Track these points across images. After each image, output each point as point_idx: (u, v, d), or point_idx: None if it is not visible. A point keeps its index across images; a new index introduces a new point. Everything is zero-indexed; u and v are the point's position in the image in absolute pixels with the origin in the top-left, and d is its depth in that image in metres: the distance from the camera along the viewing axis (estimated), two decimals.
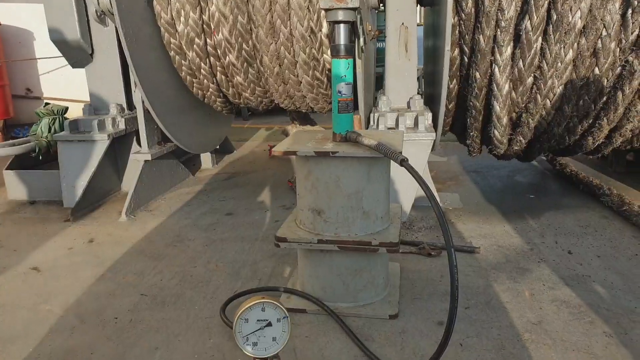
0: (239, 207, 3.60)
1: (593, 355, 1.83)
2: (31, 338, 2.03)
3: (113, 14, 3.22)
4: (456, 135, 3.79)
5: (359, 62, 3.00)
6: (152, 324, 2.12)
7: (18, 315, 2.22)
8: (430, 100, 3.52)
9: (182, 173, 4.33)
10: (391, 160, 1.89)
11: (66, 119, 4.18)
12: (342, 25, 1.99)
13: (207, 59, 3.61)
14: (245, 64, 3.52)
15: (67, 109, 4.61)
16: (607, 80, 2.83)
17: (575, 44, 2.68)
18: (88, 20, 3.78)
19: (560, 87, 2.87)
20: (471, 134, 3.28)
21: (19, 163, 4.12)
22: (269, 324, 1.39)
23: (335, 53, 2.02)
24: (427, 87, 4.00)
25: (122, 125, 3.78)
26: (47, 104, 4.72)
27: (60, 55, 3.98)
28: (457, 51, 2.99)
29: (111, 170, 3.91)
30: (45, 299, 2.36)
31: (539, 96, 2.89)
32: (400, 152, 1.86)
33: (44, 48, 7.14)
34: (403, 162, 1.71)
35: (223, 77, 3.69)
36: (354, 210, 2.07)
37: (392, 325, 2.06)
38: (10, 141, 4.51)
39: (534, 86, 2.88)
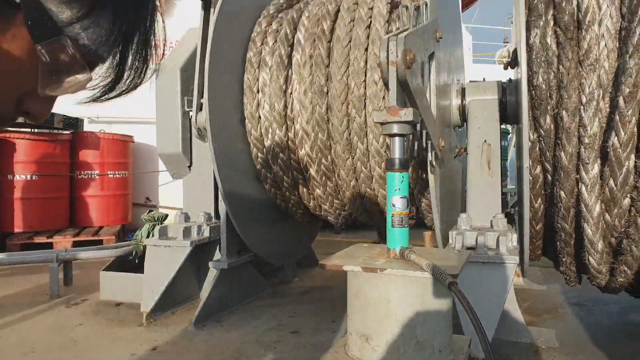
0: (307, 325, 3.43)
1: None
2: None
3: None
4: (552, 261, 3.38)
5: (431, 177, 2.91)
6: None
7: None
8: (521, 222, 3.23)
9: (259, 285, 4.28)
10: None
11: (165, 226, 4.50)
12: (396, 138, 1.96)
13: (290, 173, 3.76)
14: (324, 177, 3.60)
15: (167, 216, 5.00)
16: None
17: None
18: (191, 137, 4.20)
19: None
20: (563, 259, 2.90)
21: (120, 266, 4.41)
22: None
23: (389, 166, 1.96)
24: (520, 209, 3.72)
25: (206, 233, 3.93)
26: (150, 210, 5.18)
27: None
28: (539, 168, 2.77)
29: (192, 278, 4.02)
30: None
31: None
32: (454, 275, 1.67)
33: None
34: (451, 286, 1.51)
35: (305, 189, 3.79)
36: (406, 339, 1.84)
37: None
38: (114, 244, 4.96)
39: (633, 208, 2.52)
